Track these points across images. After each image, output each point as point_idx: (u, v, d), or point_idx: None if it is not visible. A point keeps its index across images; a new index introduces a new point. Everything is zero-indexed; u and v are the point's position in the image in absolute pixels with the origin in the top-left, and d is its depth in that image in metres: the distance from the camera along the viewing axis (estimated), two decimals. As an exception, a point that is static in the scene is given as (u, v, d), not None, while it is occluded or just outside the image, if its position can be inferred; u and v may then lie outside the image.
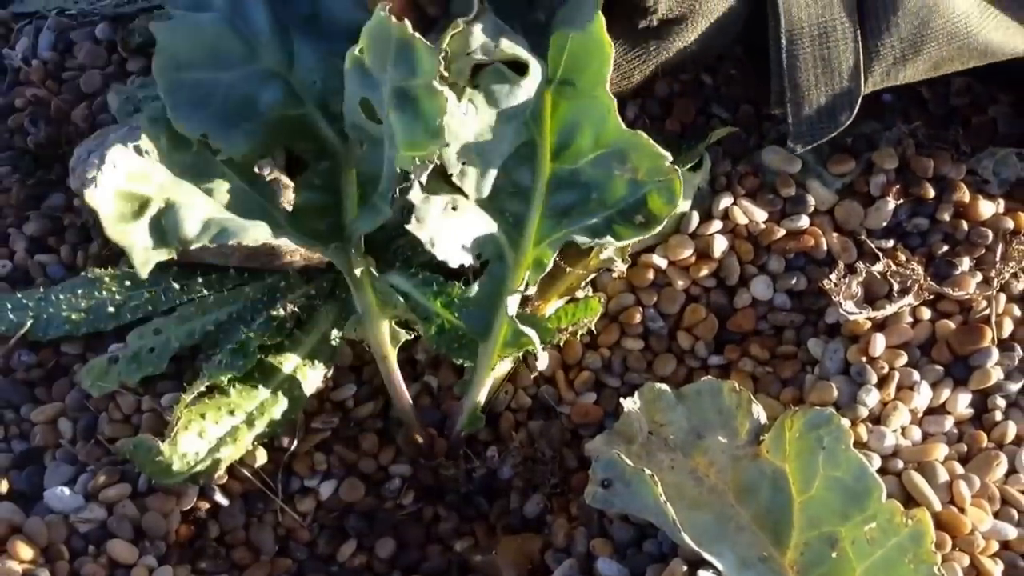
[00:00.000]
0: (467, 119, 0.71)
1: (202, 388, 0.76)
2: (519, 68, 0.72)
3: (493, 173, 0.75)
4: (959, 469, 0.75)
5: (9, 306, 0.85)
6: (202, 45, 0.78)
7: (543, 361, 0.83)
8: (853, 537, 0.68)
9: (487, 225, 0.76)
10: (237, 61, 0.79)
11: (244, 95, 0.78)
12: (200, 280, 0.85)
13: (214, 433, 0.77)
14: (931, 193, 0.83)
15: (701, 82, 0.92)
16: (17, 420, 0.84)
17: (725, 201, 0.84)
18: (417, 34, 0.66)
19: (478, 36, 0.70)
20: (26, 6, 1.07)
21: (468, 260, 0.76)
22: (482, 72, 0.72)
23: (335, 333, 0.83)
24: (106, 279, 0.84)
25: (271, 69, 0.80)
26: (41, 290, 0.85)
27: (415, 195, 0.72)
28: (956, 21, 0.74)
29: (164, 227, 0.70)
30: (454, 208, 0.74)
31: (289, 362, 0.80)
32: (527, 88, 0.72)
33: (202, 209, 0.72)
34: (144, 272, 0.70)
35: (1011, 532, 0.73)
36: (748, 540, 0.70)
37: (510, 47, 0.70)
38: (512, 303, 0.75)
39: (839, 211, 0.84)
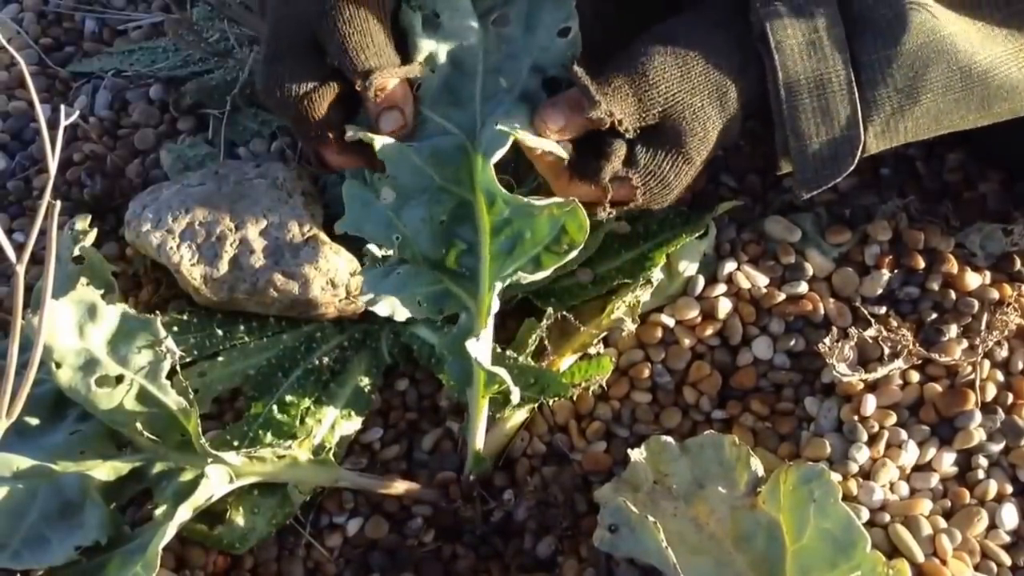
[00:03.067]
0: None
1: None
2: None
3: (428, 245, 0.80)
4: (942, 523, 0.80)
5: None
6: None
7: (549, 412, 0.87)
8: (840, 584, 0.73)
9: (437, 280, 0.81)
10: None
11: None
12: (242, 328, 0.91)
13: (258, 479, 0.82)
14: (922, 264, 0.89)
15: (711, 152, 0.98)
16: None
17: (729, 266, 0.90)
18: None
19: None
20: (84, 66, 1.14)
21: (428, 315, 0.81)
22: None
23: (367, 381, 0.89)
24: (155, 325, 0.90)
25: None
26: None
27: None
28: (952, 74, 0.74)
29: None
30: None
31: (327, 417, 0.86)
32: None
33: None
34: None
35: (990, 584, 0.78)
36: (744, 585, 0.75)
37: None
38: (472, 346, 0.77)
39: (836, 279, 0.90)
